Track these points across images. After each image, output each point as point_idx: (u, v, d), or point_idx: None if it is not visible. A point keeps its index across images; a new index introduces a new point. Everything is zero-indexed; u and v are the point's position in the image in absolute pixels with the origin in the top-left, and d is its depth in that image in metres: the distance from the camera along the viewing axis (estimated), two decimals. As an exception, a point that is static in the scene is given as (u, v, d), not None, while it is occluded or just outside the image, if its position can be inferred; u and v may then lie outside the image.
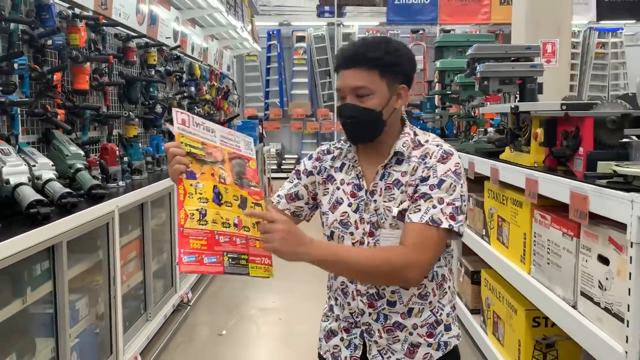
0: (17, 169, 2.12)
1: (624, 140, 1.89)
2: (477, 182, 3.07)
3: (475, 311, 3.26)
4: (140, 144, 3.66)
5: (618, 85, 10.93)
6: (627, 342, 1.53)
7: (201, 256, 1.21)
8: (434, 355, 1.38)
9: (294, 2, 10.99)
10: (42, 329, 2.21)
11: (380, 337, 1.38)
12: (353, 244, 1.38)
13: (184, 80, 5.26)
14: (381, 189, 1.37)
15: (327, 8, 10.74)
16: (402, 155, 1.37)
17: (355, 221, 1.38)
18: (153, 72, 4.32)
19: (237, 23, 6.68)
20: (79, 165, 2.58)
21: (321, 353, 1.52)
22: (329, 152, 1.50)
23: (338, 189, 1.43)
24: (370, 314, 1.38)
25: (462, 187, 1.32)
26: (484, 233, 3.00)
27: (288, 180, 1.53)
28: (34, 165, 2.29)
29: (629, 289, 1.52)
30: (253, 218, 1.24)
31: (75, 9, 3.02)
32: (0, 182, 2.05)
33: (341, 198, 1.42)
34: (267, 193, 6.93)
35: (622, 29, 11.25)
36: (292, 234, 1.22)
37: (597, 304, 1.75)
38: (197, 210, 1.22)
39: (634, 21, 10.91)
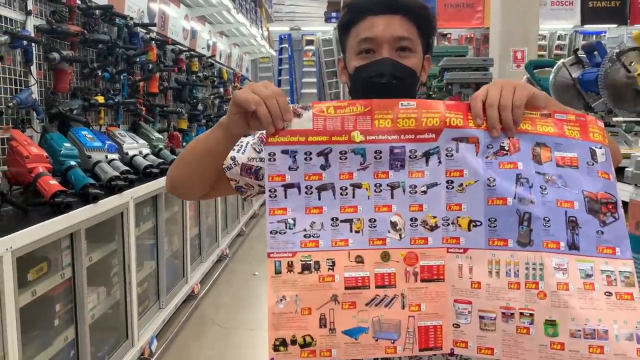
0: (132, 146, 3.25)
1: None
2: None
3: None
4: (192, 134, 4.80)
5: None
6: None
7: None
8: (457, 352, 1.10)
9: (304, 9, 12.08)
10: (146, 255, 3.32)
11: None
12: None
13: (215, 83, 6.37)
14: None
15: (334, 14, 11.80)
16: None
17: None
18: (194, 77, 5.43)
19: (257, 33, 7.79)
20: (161, 146, 3.71)
21: None
22: None
23: None
24: None
25: None
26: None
27: (252, 143, 1.13)
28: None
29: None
30: None
31: (151, 33, 4.14)
32: (122, 154, 3.17)
33: None
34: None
35: (605, 32, 12.22)
36: None
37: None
38: None
39: (615, 25, 11.89)
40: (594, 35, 12.14)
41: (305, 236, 0.94)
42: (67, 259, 2.22)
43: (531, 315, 0.88)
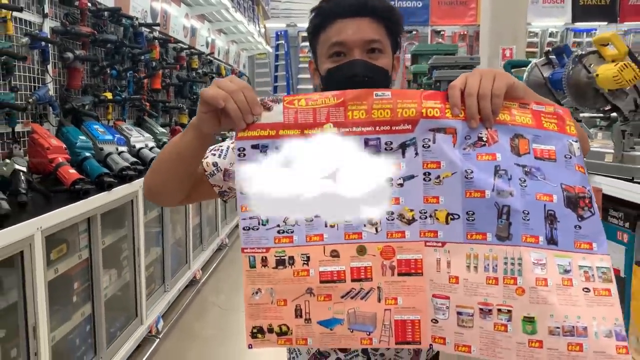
0: (139, 139, 3.46)
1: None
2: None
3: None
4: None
5: (592, 80, 12.26)
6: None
7: None
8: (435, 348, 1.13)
9: (300, 6, 12.25)
10: (152, 241, 3.54)
11: (388, 347, 1.08)
12: None
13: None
14: None
15: (329, 11, 12.00)
16: None
17: None
18: (194, 74, 5.63)
19: (254, 30, 7.99)
20: (165, 140, 3.92)
21: None
22: None
23: None
24: None
25: None
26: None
27: (232, 147, 1.11)
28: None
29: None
30: None
31: (154, 32, 4.34)
32: (130, 146, 3.38)
33: None
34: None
35: (596, 30, 12.45)
36: None
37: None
38: None
39: (606, 23, 12.13)
40: (585, 33, 12.40)
41: (279, 232, 0.92)
42: (84, 242, 2.43)
43: (509, 312, 0.86)
